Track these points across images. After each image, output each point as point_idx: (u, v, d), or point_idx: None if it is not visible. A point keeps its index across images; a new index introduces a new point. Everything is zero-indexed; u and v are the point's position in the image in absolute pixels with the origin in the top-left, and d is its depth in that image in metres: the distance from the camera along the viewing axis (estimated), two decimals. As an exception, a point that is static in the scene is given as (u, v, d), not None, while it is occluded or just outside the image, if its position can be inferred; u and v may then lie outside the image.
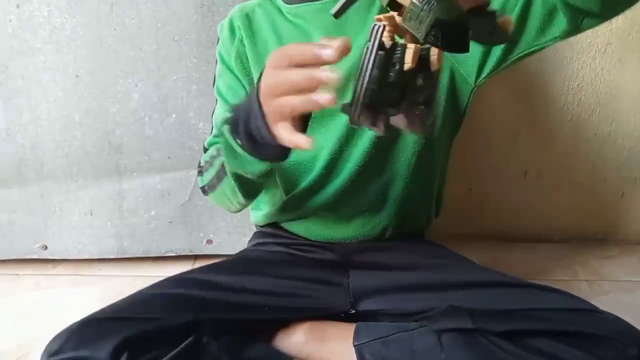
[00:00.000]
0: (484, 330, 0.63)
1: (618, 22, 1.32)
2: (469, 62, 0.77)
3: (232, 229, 1.28)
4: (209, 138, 0.88)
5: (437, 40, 0.40)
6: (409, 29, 0.42)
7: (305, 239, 0.88)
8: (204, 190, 0.82)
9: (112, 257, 1.28)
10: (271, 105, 0.50)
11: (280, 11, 0.84)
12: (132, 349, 0.59)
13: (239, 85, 0.85)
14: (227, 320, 0.68)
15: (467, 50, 0.41)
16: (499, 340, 0.61)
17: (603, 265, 1.31)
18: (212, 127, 0.91)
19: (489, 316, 0.65)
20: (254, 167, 0.59)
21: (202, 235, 1.28)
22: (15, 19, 1.13)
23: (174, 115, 1.19)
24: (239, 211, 0.84)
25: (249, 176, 0.64)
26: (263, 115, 0.52)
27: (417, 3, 0.40)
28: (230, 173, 0.67)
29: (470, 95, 0.81)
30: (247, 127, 0.55)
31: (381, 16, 0.45)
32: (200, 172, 0.81)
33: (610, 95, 1.38)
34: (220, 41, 0.88)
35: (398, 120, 0.46)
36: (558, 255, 1.36)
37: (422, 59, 0.44)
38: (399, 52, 0.43)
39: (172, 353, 0.59)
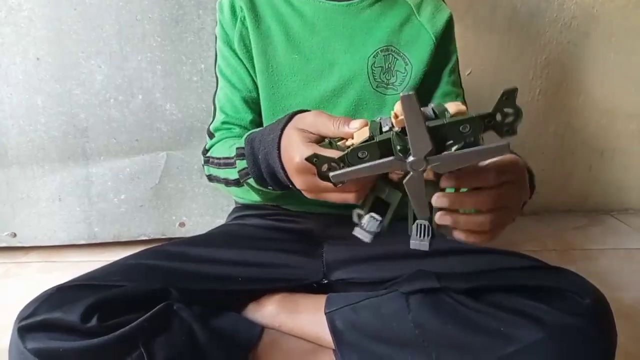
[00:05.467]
0: (449, 289, 0.64)
1: (583, -5, 1.34)
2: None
3: (204, 210, 1.27)
4: (215, 123, 0.85)
5: None
6: None
7: (286, 210, 0.88)
8: (209, 178, 0.82)
9: (82, 242, 1.27)
10: (303, 184, 0.55)
11: None
12: (103, 312, 0.58)
13: (243, 68, 0.84)
14: (199, 291, 0.68)
15: None
16: (463, 298, 0.63)
17: (572, 235, 1.34)
18: (215, 109, 0.87)
19: (454, 277, 0.66)
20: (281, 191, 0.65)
21: (174, 218, 1.27)
22: (-30, 1, 1.10)
23: (140, 97, 1.17)
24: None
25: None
26: (287, 176, 0.57)
27: None
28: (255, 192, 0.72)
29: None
30: (274, 177, 0.61)
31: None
32: (207, 162, 0.81)
33: (577, 69, 1.40)
34: (219, 19, 0.86)
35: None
36: (528, 227, 1.39)
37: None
38: None
39: (143, 317, 0.59)
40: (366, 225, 0.51)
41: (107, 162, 1.21)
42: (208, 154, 0.81)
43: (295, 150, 0.53)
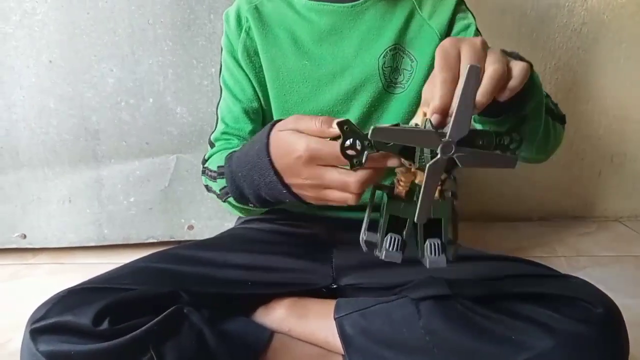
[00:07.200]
0: (460, 296, 0.64)
1: (593, 1, 1.33)
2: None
3: (213, 214, 1.28)
4: (216, 133, 0.87)
5: None
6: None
7: (296, 214, 0.89)
8: (207, 188, 0.83)
9: (92, 244, 1.27)
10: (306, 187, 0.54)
11: (291, 5, 0.85)
12: (114, 315, 0.59)
13: (245, 79, 0.85)
14: (208, 294, 0.68)
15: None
16: (474, 305, 0.63)
17: (580, 241, 1.34)
18: (217, 119, 0.89)
19: (465, 284, 0.66)
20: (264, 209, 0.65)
21: (183, 221, 1.28)
22: (-16, 4, 1.11)
23: (150, 100, 1.18)
24: None
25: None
26: (282, 181, 0.56)
27: None
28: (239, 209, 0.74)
29: None
30: (258, 195, 0.61)
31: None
32: (204, 173, 0.82)
33: (586, 74, 1.40)
34: (225, 30, 0.88)
35: None
36: (537, 233, 1.38)
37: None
38: None
39: (154, 321, 0.60)
40: (390, 247, 0.52)
41: (117, 165, 1.22)
42: (205, 165, 0.82)
43: (296, 143, 0.52)
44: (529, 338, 0.57)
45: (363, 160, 0.48)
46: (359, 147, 0.47)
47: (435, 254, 0.52)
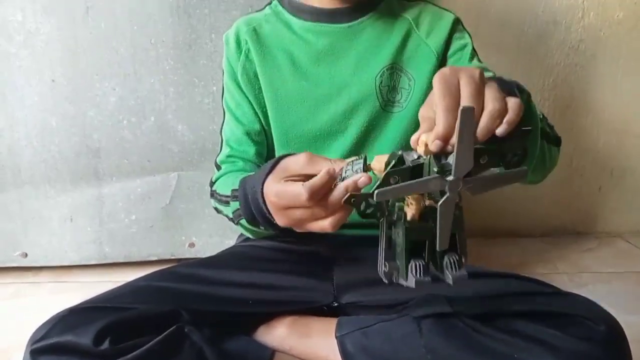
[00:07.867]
0: (462, 314, 0.64)
1: (590, 18, 1.35)
2: None
3: (213, 231, 1.27)
4: (221, 156, 0.89)
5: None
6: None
7: (294, 230, 0.89)
8: (216, 210, 0.84)
9: (93, 263, 1.27)
10: (288, 221, 0.57)
11: (289, 26, 0.86)
12: (115, 335, 0.59)
13: (246, 102, 0.86)
14: (209, 313, 0.68)
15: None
16: (476, 323, 0.63)
17: (582, 258, 1.33)
18: (222, 142, 0.90)
19: (467, 301, 0.66)
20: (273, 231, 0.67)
21: (183, 238, 1.28)
22: (-11, 25, 1.13)
23: (152, 118, 1.19)
24: None
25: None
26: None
27: None
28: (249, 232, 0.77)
29: None
30: (265, 219, 0.62)
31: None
32: (212, 196, 0.83)
33: (585, 90, 1.40)
34: (225, 53, 0.89)
35: None
36: (539, 250, 1.38)
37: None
38: None
39: (155, 340, 0.60)
40: (417, 273, 0.51)
41: (118, 183, 1.23)
42: (213, 188, 0.83)
43: (270, 194, 0.57)
44: (531, 356, 0.57)
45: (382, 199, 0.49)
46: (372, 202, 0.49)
47: (455, 270, 0.51)
